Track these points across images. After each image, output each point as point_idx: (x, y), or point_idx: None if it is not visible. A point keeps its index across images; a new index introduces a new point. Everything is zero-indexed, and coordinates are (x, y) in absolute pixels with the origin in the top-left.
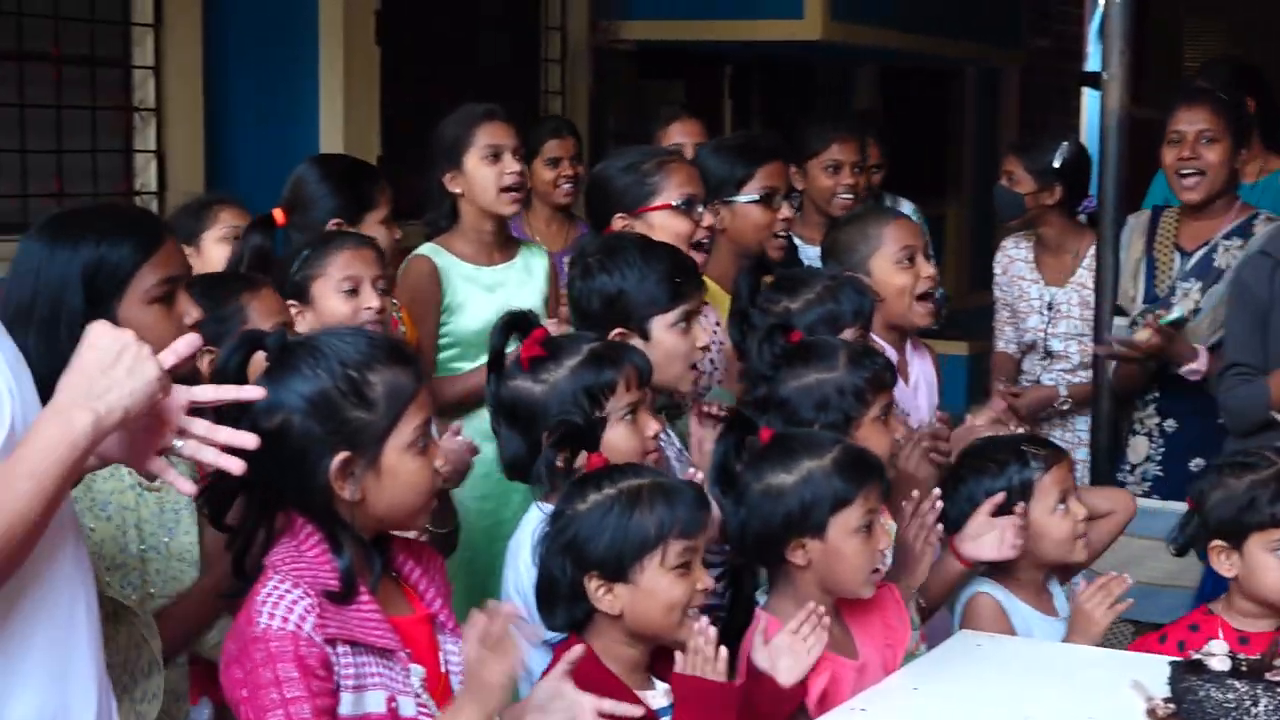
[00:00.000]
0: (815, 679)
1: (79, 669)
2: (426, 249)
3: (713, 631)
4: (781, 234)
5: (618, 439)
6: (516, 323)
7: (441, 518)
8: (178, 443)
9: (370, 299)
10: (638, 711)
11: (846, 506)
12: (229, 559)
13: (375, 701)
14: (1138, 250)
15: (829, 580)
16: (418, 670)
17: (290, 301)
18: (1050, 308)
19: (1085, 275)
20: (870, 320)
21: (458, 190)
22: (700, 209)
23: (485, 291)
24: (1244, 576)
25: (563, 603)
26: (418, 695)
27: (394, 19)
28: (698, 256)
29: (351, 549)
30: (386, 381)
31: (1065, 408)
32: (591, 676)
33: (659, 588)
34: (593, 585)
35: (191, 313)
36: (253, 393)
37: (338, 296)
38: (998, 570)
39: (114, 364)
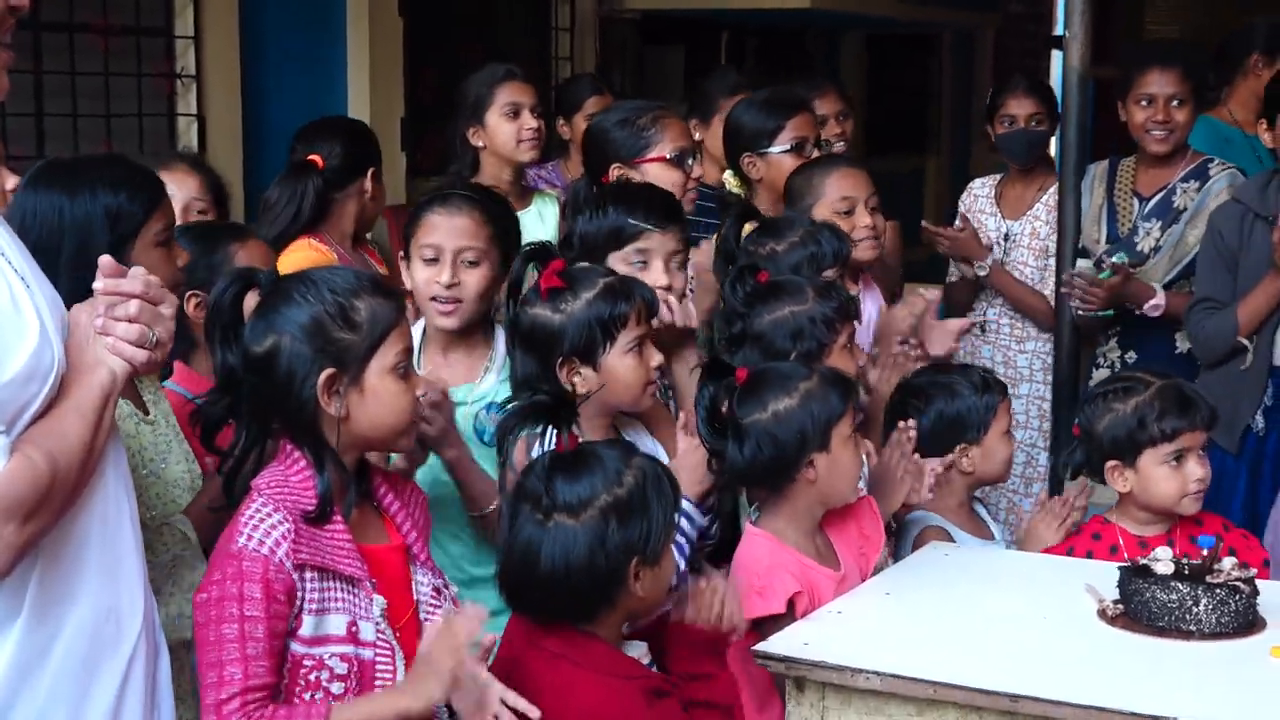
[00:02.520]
0: (800, 599)
1: (127, 570)
2: None
3: (720, 586)
4: None
5: (624, 370)
6: (536, 254)
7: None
8: (108, 340)
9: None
10: (535, 713)
11: (841, 418)
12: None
13: (336, 624)
14: (1099, 197)
15: (829, 492)
16: (379, 601)
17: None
18: (1007, 238)
19: (1040, 210)
20: (848, 260)
21: (479, 144)
22: (690, 161)
23: None
24: (1138, 490)
25: (605, 595)
26: (378, 623)
27: None
28: (686, 203)
29: (332, 472)
30: (370, 307)
31: (981, 274)
32: (602, 661)
33: (670, 567)
34: (634, 571)
35: (182, 255)
36: (132, 284)
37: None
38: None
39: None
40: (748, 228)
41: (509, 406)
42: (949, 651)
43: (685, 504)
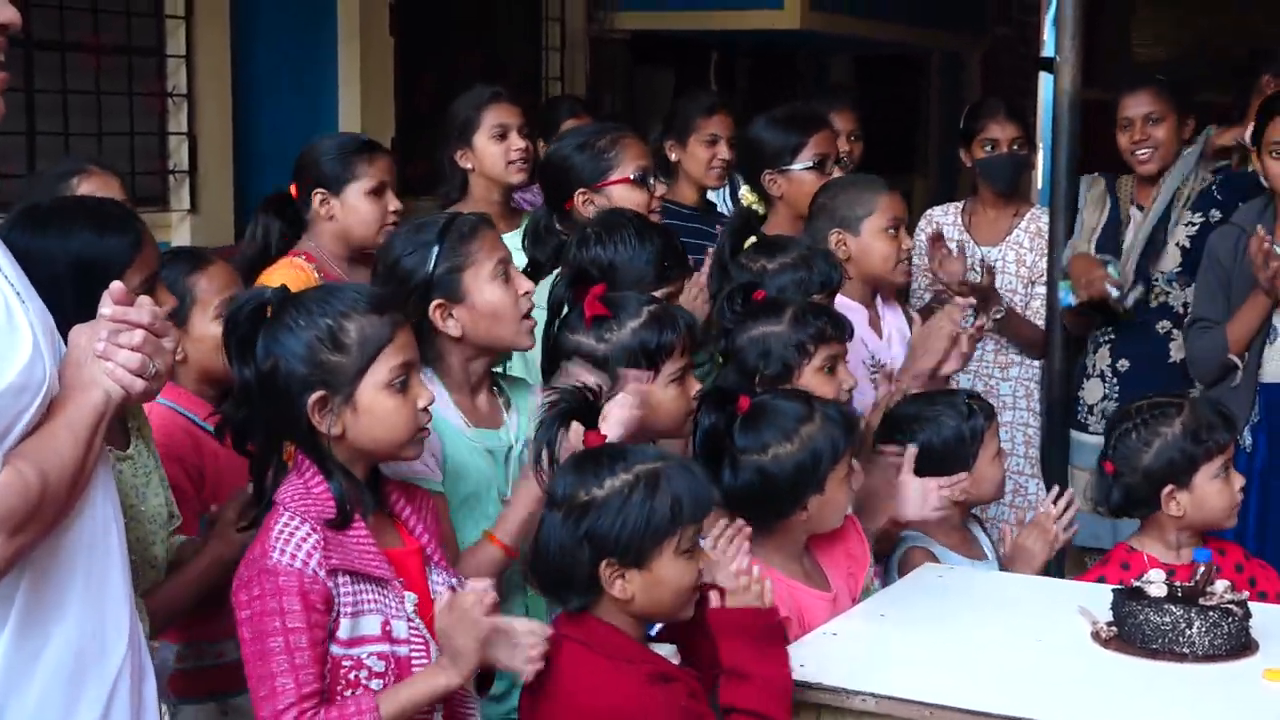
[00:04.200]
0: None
1: (113, 593)
2: None
3: (756, 570)
4: None
5: (668, 400)
6: (578, 277)
7: None
8: (108, 364)
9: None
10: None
11: (840, 460)
12: (212, 548)
13: (371, 625)
14: (1094, 217)
15: (818, 524)
16: (411, 597)
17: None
18: (983, 264)
19: (1022, 236)
20: (837, 290)
21: (468, 166)
22: (652, 180)
23: None
24: (1192, 510)
25: (577, 588)
26: (410, 619)
27: (407, 11)
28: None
29: (341, 480)
30: (361, 328)
31: (999, 317)
32: (612, 645)
33: (671, 575)
34: (607, 572)
35: (167, 302)
36: (139, 314)
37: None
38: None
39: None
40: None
41: (542, 412)
42: (944, 673)
43: None
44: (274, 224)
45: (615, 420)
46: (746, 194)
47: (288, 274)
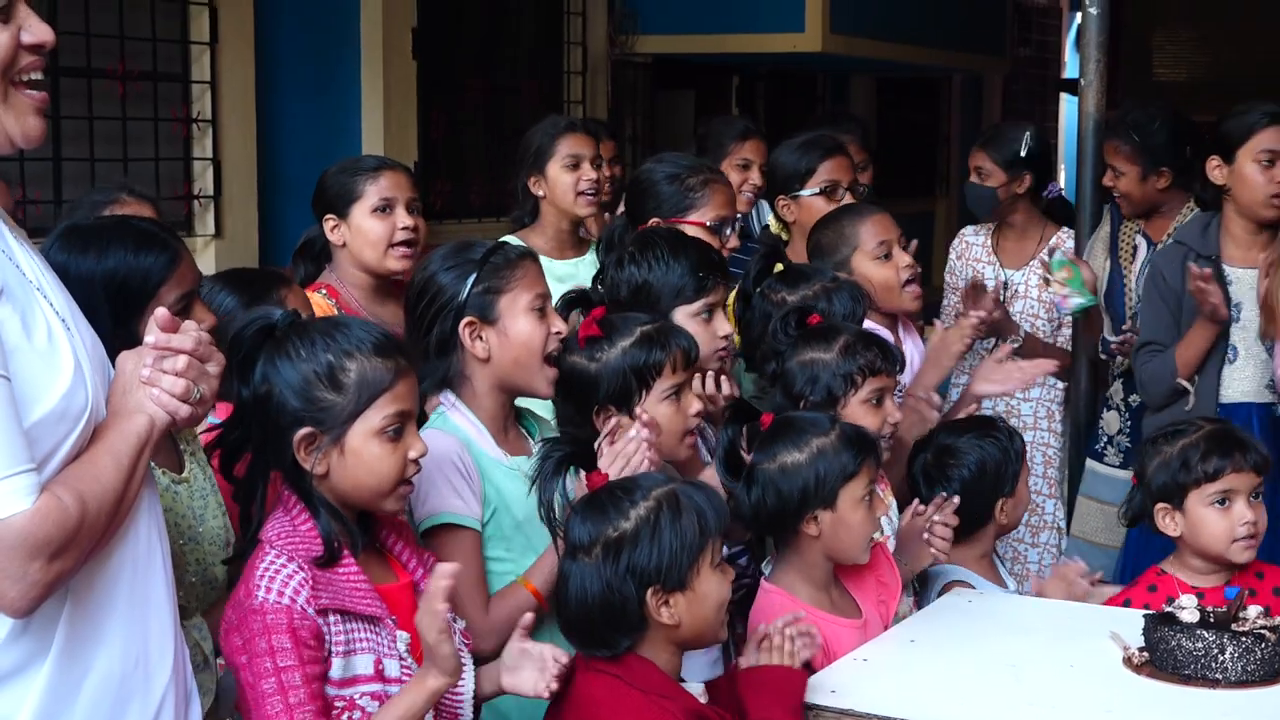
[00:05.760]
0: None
1: (157, 620)
2: (510, 239)
3: (791, 629)
4: None
5: (662, 418)
6: (578, 301)
7: None
8: (153, 390)
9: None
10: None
11: (853, 479)
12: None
13: (364, 664)
14: (1099, 259)
15: (834, 549)
16: (403, 636)
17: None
18: (1006, 287)
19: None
20: (861, 323)
21: (540, 193)
22: (728, 231)
23: (556, 281)
24: (1188, 534)
25: (626, 627)
26: (403, 658)
27: (429, 35)
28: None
29: (327, 517)
30: (362, 370)
31: (1016, 345)
32: (651, 681)
33: (711, 589)
34: (654, 601)
35: (206, 319)
36: (183, 340)
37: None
38: (956, 549)
39: (135, 388)
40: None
41: (540, 457)
42: (974, 699)
43: None
44: (305, 267)
45: (613, 457)
46: (772, 221)
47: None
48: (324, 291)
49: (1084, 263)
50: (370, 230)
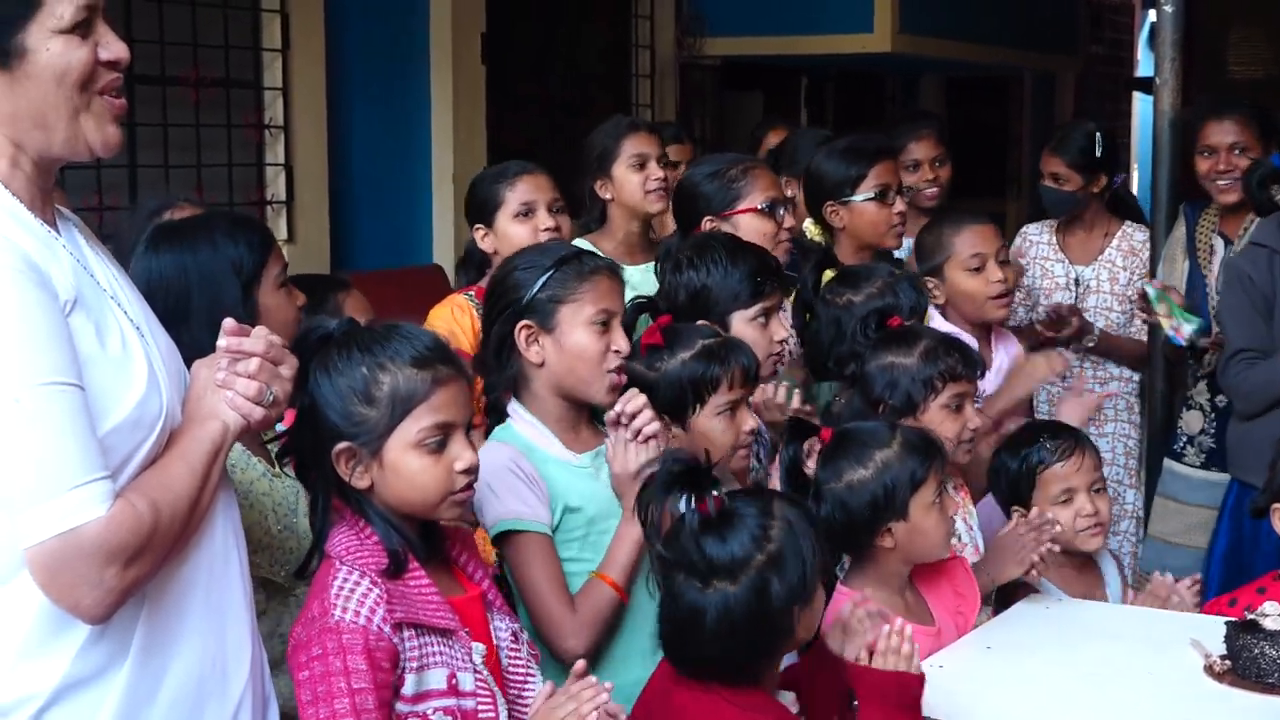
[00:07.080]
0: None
1: (234, 623)
2: (579, 243)
3: (909, 630)
4: (897, 226)
5: (714, 432)
6: (645, 307)
7: None
8: (227, 394)
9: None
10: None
11: (922, 485)
12: None
13: (436, 679)
14: (1178, 263)
15: (913, 555)
16: (479, 648)
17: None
18: (1077, 284)
19: (1115, 254)
20: (924, 315)
21: (607, 196)
22: (781, 211)
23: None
24: None
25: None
26: (478, 671)
27: (498, 40)
28: (780, 254)
29: (385, 528)
30: (395, 382)
31: (1090, 345)
32: (744, 697)
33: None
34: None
35: (300, 296)
36: (254, 344)
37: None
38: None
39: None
40: (827, 275)
41: (649, 478)
42: (1052, 707)
43: None
44: (467, 275)
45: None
46: (809, 225)
47: (441, 312)
48: (473, 294)
49: (1172, 288)
50: (515, 236)
